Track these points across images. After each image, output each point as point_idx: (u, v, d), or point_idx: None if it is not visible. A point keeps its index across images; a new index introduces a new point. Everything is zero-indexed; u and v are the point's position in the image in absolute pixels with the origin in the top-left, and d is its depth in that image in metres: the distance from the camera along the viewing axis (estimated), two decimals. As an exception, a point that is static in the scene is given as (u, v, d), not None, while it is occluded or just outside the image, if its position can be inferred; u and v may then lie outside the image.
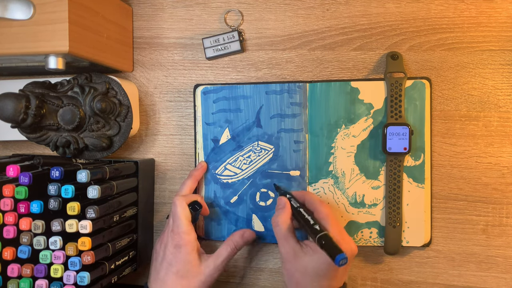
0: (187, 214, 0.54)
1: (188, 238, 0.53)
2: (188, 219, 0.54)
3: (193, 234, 0.54)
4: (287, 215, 0.52)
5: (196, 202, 0.56)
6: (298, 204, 0.53)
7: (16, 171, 0.52)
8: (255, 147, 0.60)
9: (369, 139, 0.58)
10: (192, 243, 0.53)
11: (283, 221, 0.51)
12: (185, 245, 0.53)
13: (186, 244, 0.53)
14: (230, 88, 0.60)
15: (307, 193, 0.55)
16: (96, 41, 0.53)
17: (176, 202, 0.54)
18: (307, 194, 0.54)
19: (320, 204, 0.52)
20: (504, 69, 0.56)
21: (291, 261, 0.50)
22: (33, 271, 0.51)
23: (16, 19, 0.48)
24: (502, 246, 0.56)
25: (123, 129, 0.58)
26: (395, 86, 0.56)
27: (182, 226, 0.53)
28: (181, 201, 0.54)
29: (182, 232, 0.53)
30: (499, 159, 0.56)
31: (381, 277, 0.59)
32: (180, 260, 0.53)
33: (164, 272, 0.53)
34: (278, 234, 0.51)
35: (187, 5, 0.62)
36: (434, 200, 0.57)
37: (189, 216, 0.54)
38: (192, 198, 0.56)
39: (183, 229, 0.53)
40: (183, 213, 0.53)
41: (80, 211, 0.50)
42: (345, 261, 0.43)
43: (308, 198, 0.53)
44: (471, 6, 0.56)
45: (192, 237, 0.53)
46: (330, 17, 0.59)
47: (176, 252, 0.53)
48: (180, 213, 0.53)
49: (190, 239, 0.53)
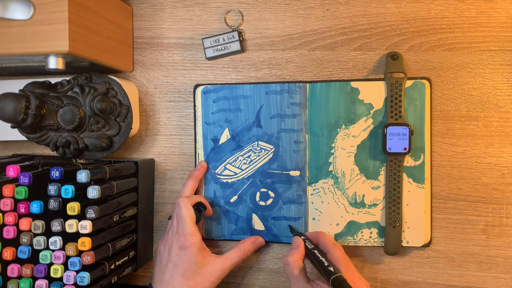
0: (191, 215, 0.54)
1: (193, 240, 0.53)
2: (193, 220, 0.54)
3: (198, 235, 0.54)
4: (298, 256, 0.52)
5: (201, 203, 0.56)
6: (312, 246, 0.53)
7: (16, 171, 0.52)
8: (255, 147, 0.60)
9: (369, 139, 0.58)
10: (197, 244, 0.53)
11: (294, 261, 0.51)
12: (191, 247, 0.53)
13: (192, 245, 0.53)
14: (230, 88, 0.60)
15: (321, 234, 0.55)
16: (96, 41, 0.53)
17: (180, 203, 0.54)
18: (321, 235, 0.54)
19: (333, 246, 0.52)
20: (504, 69, 0.56)
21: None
22: (33, 271, 0.51)
23: (16, 19, 0.48)
24: (502, 246, 0.56)
25: (123, 129, 0.58)
26: (395, 86, 0.56)
27: (187, 227, 0.53)
28: (185, 203, 0.54)
29: (187, 233, 0.53)
30: (499, 159, 0.56)
31: (381, 277, 0.59)
32: (186, 262, 0.53)
33: (169, 273, 0.53)
34: (289, 273, 0.51)
35: (187, 5, 0.62)
36: (434, 200, 0.57)
37: (193, 218, 0.54)
38: (196, 199, 0.56)
39: (188, 230, 0.53)
40: (188, 215, 0.53)
41: (80, 211, 0.50)
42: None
43: (322, 240, 0.54)
44: (471, 6, 0.56)
45: (197, 239, 0.53)
46: (330, 17, 0.59)
47: (181, 254, 0.53)
48: (185, 214, 0.53)
49: (196, 241, 0.53)
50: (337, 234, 0.59)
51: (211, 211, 0.60)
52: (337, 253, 0.51)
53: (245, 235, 0.61)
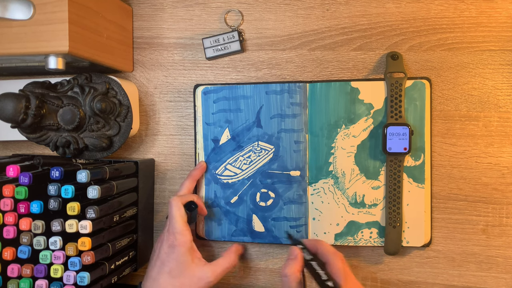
0: (182, 214, 0.54)
1: (182, 239, 0.53)
2: (183, 219, 0.54)
3: (188, 235, 0.54)
4: (296, 267, 0.50)
5: (192, 202, 0.56)
6: (310, 257, 0.51)
7: (16, 171, 0.52)
8: (255, 147, 0.60)
9: (369, 139, 0.58)
10: (186, 244, 0.53)
11: (291, 273, 0.49)
12: (179, 246, 0.53)
13: (180, 244, 0.53)
14: (230, 88, 0.60)
15: (320, 243, 0.53)
16: (96, 41, 0.53)
17: (171, 202, 0.54)
18: (319, 244, 0.52)
19: (333, 256, 0.50)
20: (504, 69, 0.56)
21: None
22: (33, 271, 0.51)
23: (16, 19, 0.48)
24: (502, 246, 0.56)
25: (123, 129, 0.58)
26: (395, 86, 0.56)
27: (177, 226, 0.53)
28: (176, 202, 0.54)
29: (177, 232, 0.53)
30: (499, 159, 0.56)
31: (381, 277, 0.59)
32: (173, 260, 0.53)
33: (156, 270, 0.53)
34: (285, 285, 0.49)
35: (187, 5, 0.62)
36: (434, 200, 0.57)
37: (184, 216, 0.54)
38: (188, 198, 0.56)
39: (177, 229, 0.53)
40: (178, 214, 0.54)
41: (80, 211, 0.50)
42: None
43: (321, 249, 0.52)
44: (471, 6, 0.56)
45: (186, 238, 0.53)
46: (330, 17, 0.59)
47: (169, 252, 0.53)
48: (175, 213, 0.54)
49: (185, 240, 0.53)
50: (337, 234, 0.59)
51: (204, 210, 0.59)
52: (338, 264, 0.49)
53: (245, 237, 0.61)
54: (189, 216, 0.55)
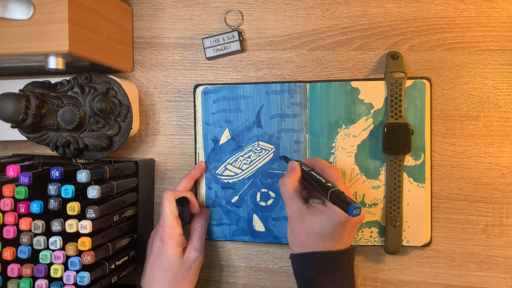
0: (172, 208, 0.54)
1: (171, 233, 0.53)
2: (174, 213, 0.54)
3: (178, 229, 0.54)
4: (295, 177, 0.53)
5: (185, 198, 0.56)
6: (309, 168, 0.54)
7: (16, 171, 0.52)
8: (255, 147, 0.60)
9: (369, 139, 0.58)
10: (175, 238, 0.54)
11: (290, 183, 0.52)
12: (168, 239, 0.53)
13: (170, 237, 0.53)
14: (230, 88, 0.60)
15: (316, 159, 0.56)
16: (96, 41, 0.53)
17: (163, 196, 0.55)
18: (316, 160, 0.55)
19: (329, 167, 0.53)
20: (504, 69, 0.56)
21: (297, 222, 0.51)
22: (33, 271, 0.51)
23: (16, 19, 0.48)
24: (502, 246, 0.56)
25: (123, 129, 0.58)
26: (395, 86, 0.56)
27: (167, 220, 0.54)
28: (168, 195, 0.55)
29: (166, 226, 0.54)
30: (499, 159, 0.56)
31: (381, 277, 0.59)
32: (163, 253, 0.53)
33: (150, 266, 0.54)
34: (284, 194, 0.52)
35: (187, 5, 0.62)
36: (434, 200, 0.57)
37: (174, 211, 0.54)
38: (181, 194, 0.56)
39: (167, 223, 0.54)
40: (169, 208, 0.54)
41: (80, 211, 0.50)
42: (359, 211, 0.43)
43: (318, 163, 0.55)
44: (471, 6, 0.56)
45: (176, 232, 0.54)
46: (330, 17, 0.59)
47: (160, 246, 0.54)
48: (166, 207, 0.54)
49: (174, 234, 0.54)
50: (337, 234, 0.59)
51: (197, 207, 0.58)
52: (334, 173, 0.52)
53: (246, 236, 0.61)
54: (180, 211, 0.55)
